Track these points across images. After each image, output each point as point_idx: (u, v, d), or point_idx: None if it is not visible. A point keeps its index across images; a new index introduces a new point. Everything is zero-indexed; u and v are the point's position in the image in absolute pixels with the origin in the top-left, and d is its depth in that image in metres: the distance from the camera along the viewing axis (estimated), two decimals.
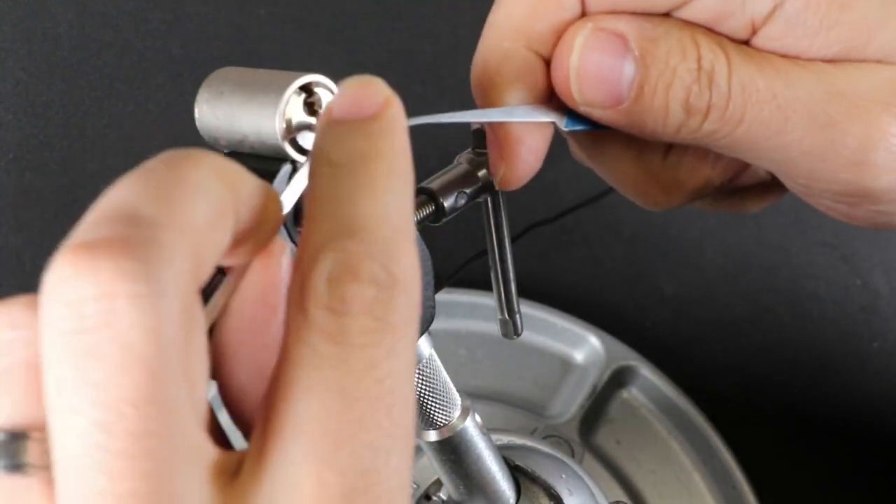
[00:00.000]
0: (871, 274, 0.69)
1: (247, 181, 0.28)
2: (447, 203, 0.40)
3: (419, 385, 0.42)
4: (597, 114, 0.39)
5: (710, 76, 0.38)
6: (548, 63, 0.40)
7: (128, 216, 0.24)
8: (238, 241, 0.28)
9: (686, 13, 0.38)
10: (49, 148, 0.69)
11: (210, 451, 0.26)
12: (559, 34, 0.39)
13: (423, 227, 0.39)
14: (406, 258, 0.27)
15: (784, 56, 0.38)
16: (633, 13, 0.39)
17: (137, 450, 0.24)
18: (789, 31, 0.38)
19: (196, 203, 0.25)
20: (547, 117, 0.40)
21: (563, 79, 0.39)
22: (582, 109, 0.39)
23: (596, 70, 0.38)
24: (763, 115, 0.38)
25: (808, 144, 0.38)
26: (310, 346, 0.26)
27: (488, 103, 0.40)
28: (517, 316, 0.43)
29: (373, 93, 0.29)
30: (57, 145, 0.69)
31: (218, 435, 0.29)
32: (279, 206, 0.30)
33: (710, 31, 0.38)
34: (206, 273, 0.26)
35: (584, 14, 0.39)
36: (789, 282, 0.68)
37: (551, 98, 0.40)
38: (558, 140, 0.43)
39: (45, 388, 0.24)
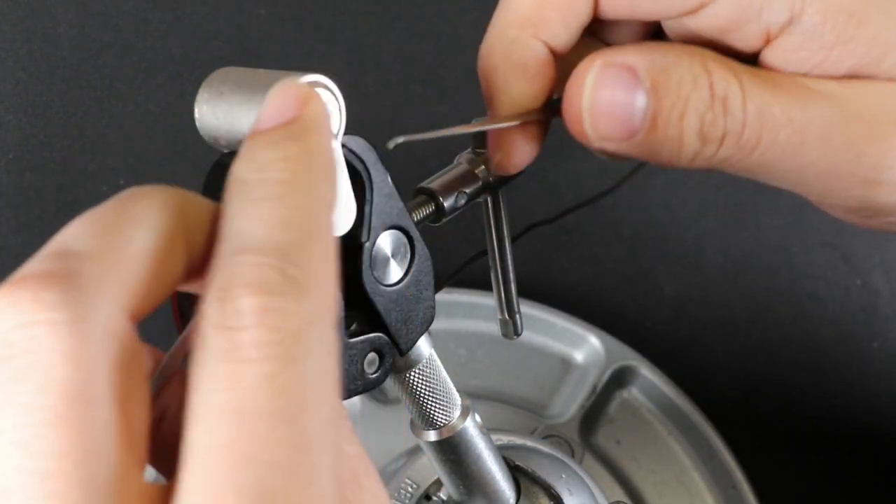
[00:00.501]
0: (871, 274, 0.69)
1: (199, 206, 0.28)
2: (447, 203, 0.40)
3: (419, 385, 0.42)
4: (610, 147, 0.39)
5: (724, 103, 0.37)
6: (554, 53, 0.40)
7: (59, 252, 0.26)
8: (200, 266, 0.28)
9: (701, 19, 0.38)
10: (49, 148, 0.69)
11: (136, 478, 0.25)
12: (569, 25, 0.39)
13: (423, 227, 0.39)
14: (308, 259, 0.26)
15: (796, 71, 0.38)
16: (642, 43, 0.39)
17: (51, 470, 0.24)
18: (805, 44, 0.38)
19: (132, 234, 0.26)
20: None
21: (575, 117, 0.39)
22: (596, 145, 0.39)
23: (608, 108, 0.38)
24: (779, 140, 0.38)
25: (824, 165, 0.38)
26: (206, 368, 0.25)
27: (492, 91, 0.40)
28: (517, 316, 0.43)
29: (289, 99, 0.29)
30: (57, 145, 0.69)
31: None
32: None
33: (721, 56, 0.38)
34: (153, 299, 0.27)
35: (595, 6, 0.39)
36: (789, 282, 0.68)
37: (556, 87, 0.40)
38: (558, 141, 0.43)
39: None
